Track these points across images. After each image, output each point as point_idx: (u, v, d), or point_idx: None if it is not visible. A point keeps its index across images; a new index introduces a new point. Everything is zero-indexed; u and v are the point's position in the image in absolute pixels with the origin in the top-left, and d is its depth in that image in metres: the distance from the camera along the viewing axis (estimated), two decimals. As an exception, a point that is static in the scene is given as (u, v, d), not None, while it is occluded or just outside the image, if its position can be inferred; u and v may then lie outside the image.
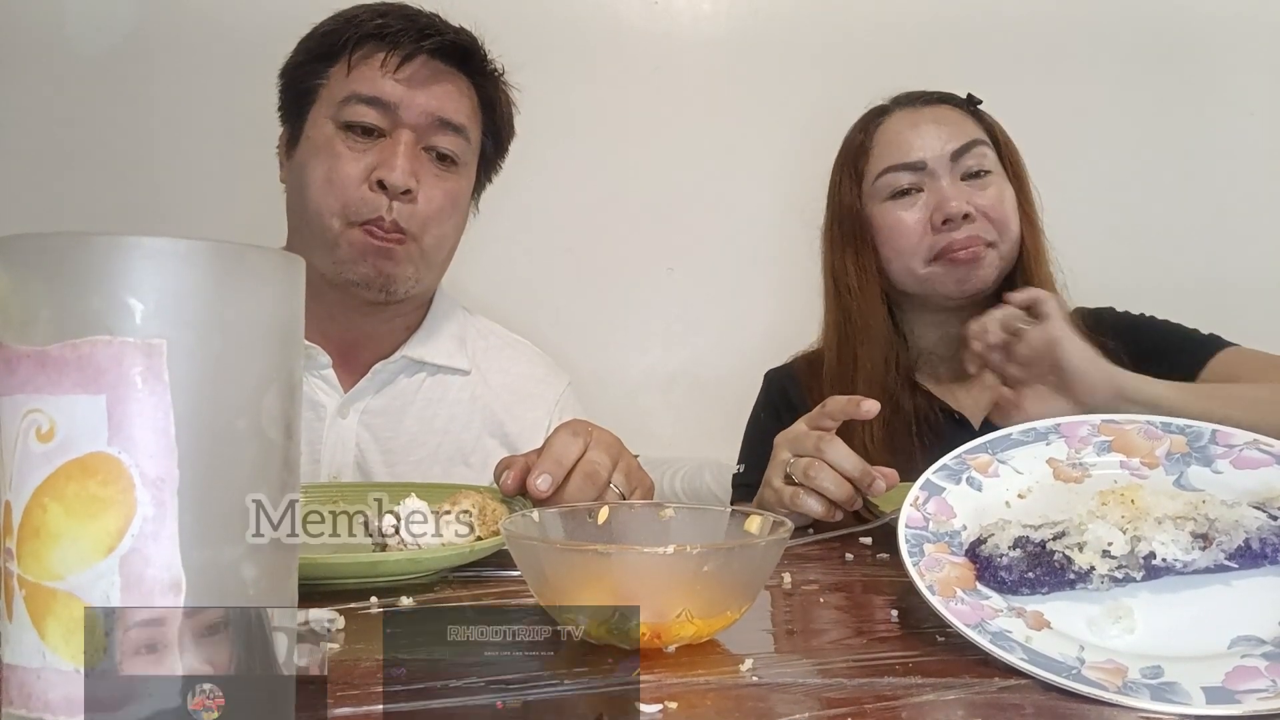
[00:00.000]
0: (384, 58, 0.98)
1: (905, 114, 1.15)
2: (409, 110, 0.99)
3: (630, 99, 1.63)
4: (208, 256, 0.34)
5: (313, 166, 0.99)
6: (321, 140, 1.00)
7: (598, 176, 1.63)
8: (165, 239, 0.32)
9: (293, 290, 0.37)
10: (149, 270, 0.32)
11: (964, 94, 1.18)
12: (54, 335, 0.32)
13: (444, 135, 1.01)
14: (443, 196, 1.01)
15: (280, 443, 0.35)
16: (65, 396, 0.32)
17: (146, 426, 0.32)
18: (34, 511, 0.32)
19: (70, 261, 0.32)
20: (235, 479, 0.34)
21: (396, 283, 1.00)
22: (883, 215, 1.13)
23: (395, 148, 0.97)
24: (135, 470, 0.32)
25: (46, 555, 0.32)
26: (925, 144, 1.11)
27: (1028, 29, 1.62)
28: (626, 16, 1.63)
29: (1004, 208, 1.11)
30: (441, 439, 1.08)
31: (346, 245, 0.98)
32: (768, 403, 1.23)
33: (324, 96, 1.01)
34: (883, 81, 1.18)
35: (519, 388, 1.14)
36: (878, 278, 1.15)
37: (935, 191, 1.10)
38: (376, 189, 0.97)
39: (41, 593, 0.32)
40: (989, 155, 1.13)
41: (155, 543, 0.32)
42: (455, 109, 1.02)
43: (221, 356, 0.34)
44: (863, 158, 1.16)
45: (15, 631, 0.32)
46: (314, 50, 1.03)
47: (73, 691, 0.31)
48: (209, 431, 0.33)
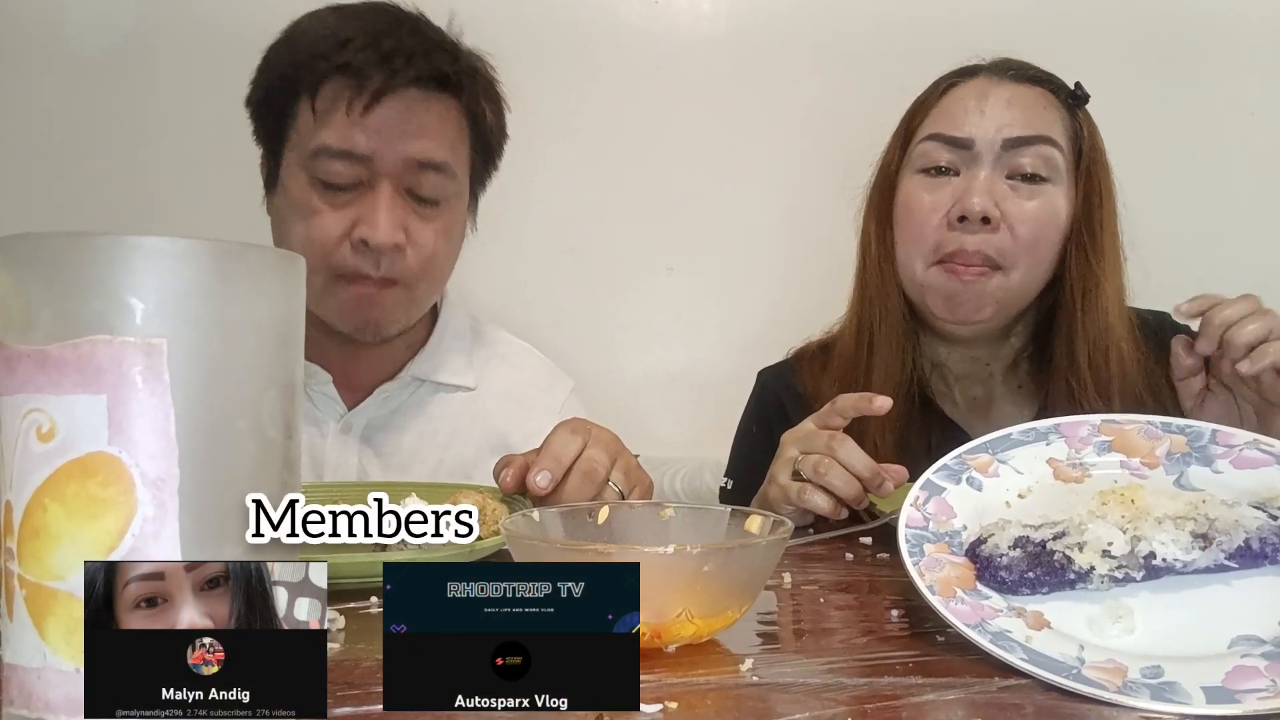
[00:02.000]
0: (350, 100, 0.89)
1: (985, 82, 0.99)
2: (385, 160, 0.90)
3: (630, 99, 1.63)
4: (208, 256, 0.34)
5: (291, 222, 0.93)
6: (297, 193, 0.93)
7: (598, 176, 1.63)
8: (166, 239, 0.33)
9: (293, 290, 0.37)
10: (149, 270, 0.32)
11: (1073, 82, 1.01)
12: (54, 335, 0.32)
13: (426, 176, 0.93)
14: (434, 239, 0.94)
15: (280, 442, 0.35)
16: (66, 396, 0.32)
17: (147, 426, 0.32)
18: (35, 511, 0.32)
19: (70, 261, 0.32)
20: (235, 479, 0.34)
21: (385, 327, 0.97)
22: (907, 190, 0.99)
23: (376, 202, 0.90)
24: (136, 470, 0.32)
25: (47, 555, 0.32)
26: (982, 121, 0.95)
27: (1028, 29, 1.62)
28: (626, 16, 1.63)
29: (1040, 227, 0.94)
30: (443, 454, 1.06)
31: (333, 299, 0.94)
32: (760, 414, 1.14)
33: (293, 140, 0.93)
34: (883, 81, 1.17)
35: (522, 397, 1.11)
36: (893, 260, 1.02)
37: (967, 180, 0.95)
38: (360, 247, 0.90)
39: (42, 593, 0.32)
40: (1055, 160, 0.95)
41: (156, 542, 0.32)
42: (436, 147, 0.92)
43: (222, 356, 0.34)
44: (920, 117, 1.01)
45: (16, 631, 0.32)
46: (275, 84, 0.94)
47: (73, 691, 0.31)
48: (209, 431, 0.33)
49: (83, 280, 0.32)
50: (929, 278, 0.97)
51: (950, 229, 0.95)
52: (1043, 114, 0.96)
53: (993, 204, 0.93)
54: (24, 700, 0.32)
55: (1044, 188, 0.95)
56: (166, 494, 0.32)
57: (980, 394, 1.06)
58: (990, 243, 0.93)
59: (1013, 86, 0.97)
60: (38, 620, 0.32)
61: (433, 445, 1.05)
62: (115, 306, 0.32)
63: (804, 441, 0.85)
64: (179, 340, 0.32)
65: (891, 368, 1.01)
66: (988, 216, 0.92)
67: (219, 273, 0.34)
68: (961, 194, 0.94)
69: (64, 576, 0.31)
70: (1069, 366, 0.98)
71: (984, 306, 0.96)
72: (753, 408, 1.17)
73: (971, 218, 0.93)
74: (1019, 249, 0.94)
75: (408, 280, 0.95)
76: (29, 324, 0.32)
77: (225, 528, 0.34)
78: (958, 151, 0.96)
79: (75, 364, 0.32)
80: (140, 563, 0.31)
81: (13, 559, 0.32)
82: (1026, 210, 0.94)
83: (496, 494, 0.76)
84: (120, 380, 0.32)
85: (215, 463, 0.33)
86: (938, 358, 1.07)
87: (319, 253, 0.91)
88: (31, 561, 0.32)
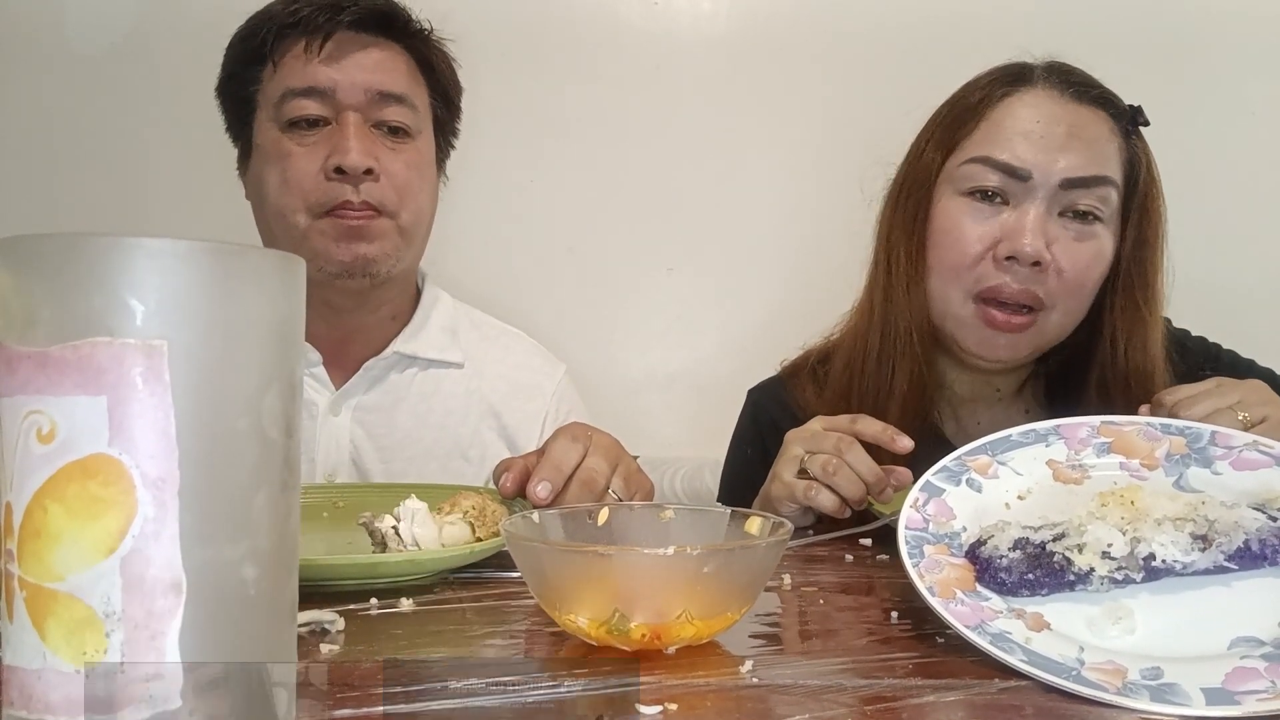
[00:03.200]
0: (305, 43, 0.96)
1: (1044, 97, 0.91)
2: (346, 91, 0.97)
3: (630, 99, 1.63)
4: (208, 257, 0.33)
5: (267, 172, 0.98)
6: (270, 144, 0.98)
7: (598, 176, 1.63)
8: (166, 239, 0.32)
9: (293, 290, 0.37)
10: (150, 271, 0.32)
11: (1132, 104, 0.94)
12: (55, 336, 0.32)
13: (389, 108, 0.99)
14: (405, 168, 0.99)
15: (281, 442, 0.35)
16: (66, 398, 0.32)
17: (147, 427, 0.32)
18: (35, 513, 0.32)
19: (70, 262, 0.32)
20: (236, 479, 0.34)
21: (377, 263, 0.98)
22: (948, 212, 0.92)
23: (344, 131, 0.96)
24: (136, 471, 0.32)
25: (47, 556, 0.32)
26: (1042, 153, 0.88)
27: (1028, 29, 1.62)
28: (626, 16, 1.63)
29: (1088, 271, 0.90)
30: (438, 434, 1.07)
31: (318, 236, 0.96)
32: (754, 434, 1.09)
33: (261, 101, 1.00)
34: (883, 81, 1.16)
35: (515, 379, 1.13)
36: (921, 280, 0.95)
37: (1019, 214, 0.88)
38: (335, 176, 0.95)
39: (42, 594, 0.32)
40: (1110, 199, 0.90)
41: (156, 543, 0.32)
42: (392, 79, 0.99)
43: (222, 357, 0.34)
44: (967, 124, 0.93)
45: (16, 632, 0.32)
46: (239, 58, 1.01)
47: (73, 692, 0.31)
48: (210, 432, 0.33)
49: (83, 281, 0.32)
50: (966, 313, 0.92)
51: (996, 264, 0.89)
52: (1104, 148, 0.91)
53: (1044, 246, 0.87)
54: (24, 701, 0.32)
55: (1095, 228, 0.90)
56: (167, 494, 0.32)
57: (985, 419, 1.02)
58: (1035, 282, 0.89)
59: (1074, 109, 0.91)
60: (38, 621, 0.32)
61: (425, 425, 1.07)
62: (115, 307, 0.32)
63: (810, 441, 0.85)
64: (179, 341, 0.32)
65: (910, 394, 0.96)
66: (1039, 260, 0.87)
67: (219, 273, 0.34)
68: (1013, 231, 0.88)
69: (64, 578, 0.31)
70: (1102, 407, 0.92)
71: (1020, 351, 0.93)
72: (745, 428, 1.13)
73: (1022, 260, 0.87)
74: (1063, 290, 0.90)
75: (388, 207, 0.98)
76: (29, 325, 0.32)
77: (226, 528, 0.34)
78: (1011, 180, 0.89)
79: (75, 365, 0.32)
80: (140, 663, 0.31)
81: (13, 560, 0.32)
82: (1077, 252, 0.89)
83: (496, 495, 0.76)
84: (120, 381, 0.32)
85: (215, 463, 0.33)
86: (945, 380, 1.03)
87: (297, 191, 0.96)
88: (32, 563, 0.32)
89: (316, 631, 0.52)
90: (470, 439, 1.08)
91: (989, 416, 1.03)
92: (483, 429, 1.09)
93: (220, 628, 0.33)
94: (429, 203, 1.04)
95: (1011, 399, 1.04)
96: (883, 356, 0.97)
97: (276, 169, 0.97)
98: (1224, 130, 1.61)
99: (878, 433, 0.82)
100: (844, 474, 0.80)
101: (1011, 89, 0.93)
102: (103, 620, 0.31)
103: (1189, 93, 1.62)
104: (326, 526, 0.76)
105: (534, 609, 0.58)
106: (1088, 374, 0.96)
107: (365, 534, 0.66)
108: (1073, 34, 1.63)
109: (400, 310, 1.09)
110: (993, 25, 1.62)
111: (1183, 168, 1.62)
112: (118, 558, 0.31)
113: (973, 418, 1.03)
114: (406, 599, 0.59)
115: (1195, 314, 1.10)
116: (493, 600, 0.61)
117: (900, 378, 0.96)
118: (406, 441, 1.05)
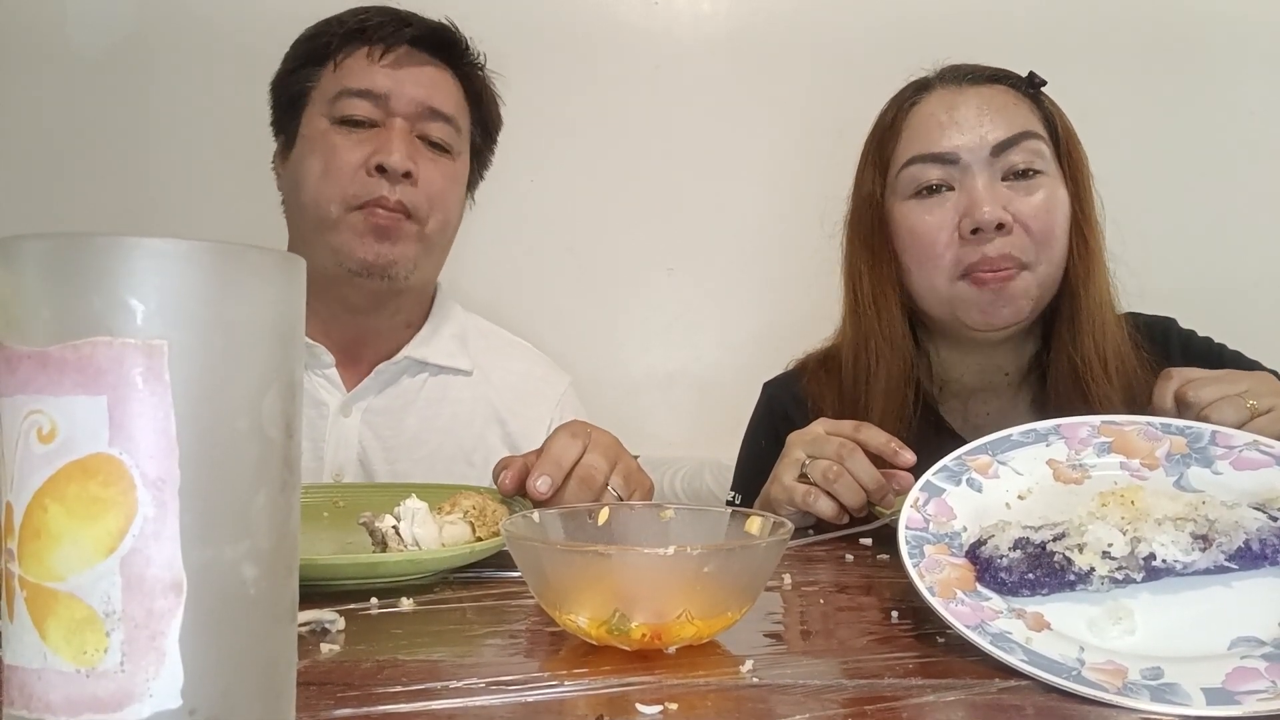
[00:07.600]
0: (369, 50, 1.01)
1: (945, 93, 0.98)
2: (399, 100, 1.01)
3: (630, 99, 1.63)
4: (209, 257, 0.33)
5: (309, 161, 1.01)
6: (316, 136, 1.02)
7: (598, 176, 1.63)
8: (166, 239, 0.32)
9: (293, 290, 0.37)
10: (150, 271, 0.32)
11: (1024, 72, 1.00)
12: (55, 336, 0.32)
13: (435, 123, 1.03)
14: (441, 178, 1.03)
15: (281, 442, 0.35)
16: (66, 397, 0.32)
17: (147, 427, 0.32)
18: (35, 512, 0.32)
19: (70, 261, 0.32)
20: (236, 479, 0.34)
21: (396, 265, 1.01)
22: (904, 215, 0.97)
23: (391, 134, 1.00)
24: (136, 471, 0.32)
25: (48, 556, 0.32)
26: (962, 132, 0.94)
27: (1028, 29, 1.62)
28: (626, 16, 1.63)
29: (1050, 218, 0.94)
30: (444, 438, 1.09)
31: (347, 229, 0.99)
32: (768, 425, 1.11)
33: (315, 97, 1.04)
34: (883, 82, 1.16)
35: (521, 386, 1.15)
36: (897, 289, 1.00)
37: (968, 192, 0.94)
38: (375, 173, 0.98)
39: (43, 593, 0.32)
40: (1043, 152, 0.95)
41: (156, 543, 0.32)
42: (443, 99, 1.04)
43: (222, 357, 0.34)
44: (891, 142, 0.99)
45: (16, 632, 0.32)
46: (301, 56, 1.05)
47: (74, 692, 0.31)
48: (210, 432, 0.33)
49: (83, 281, 0.32)
50: (957, 292, 0.96)
51: (965, 242, 0.94)
52: (1016, 111, 0.96)
53: (1001, 208, 0.92)
54: (24, 701, 0.32)
55: (1040, 179, 0.95)
56: (167, 494, 0.32)
57: (994, 409, 1.05)
58: (1010, 244, 0.93)
59: (975, 91, 0.97)
60: (38, 621, 0.32)
61: (432, 429, 1.09)
62: (116, 307, 0.32)
63: (812, 445, 0.85)
64: (179, 341, 0.32)
65: (893, 399, 0.99)
66: (1001, 222, 0.92)
67: (219, 273, 0.34)
68: (967, 207, 0.93)
69: (65, 577, 0.31)
70: (1072, 343, 0.98)
71: (1020, 305, 0.95)
72: (760, 419, 1.15)
73: (985, 228, 0.92)
74: (1036, 244, 0.94)
75: (418, 212, 1.01)
76: (29, 324, 0.32)
77: (226, 528, 0.33)
78: (946, 168, 0.95)
79: (76, 365, 0.32)
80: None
81: (13, 560, 0.32)
82: (1034, 205, 0.94)
83: (497, 495, 0.76)
84: (121, 381, 0.32)
85: (216, 463, 0.33)
86: (949, 374, 1.05)
87: (337, 180, 0.99)
88: (32, 562, 0.32)
89: (317, 631, 0.52)
90: (475, 444, 1.10)
91: (997, 406, 1.04)
92: (488, 434, 1.11)
93: (220, 627, 0.33)
94: (455, 218, 1.08)
95: (1019, 386, 1.05)
96: (870, 375, 1.01)
97: (320, 158, 1.00)
98: (1224, 130, 1.61)
99: (881, 444, 0.82)
100: (844, 481, 0.81)
101: (917, 96, 1.00)
102: (103, 620, 0.31)
103: (1189, 93, 1.62)
104: (327, 526, 0.76)
105: (534, 609, 0.58)
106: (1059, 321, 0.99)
107: (365, 533, 0.66)
108: (1073, 34, 1.64)
109: (414, 317, 1.12)
110: (994, 27, 1.62)
111: (1183, 168, 1.63)
112: (118, 557, 0.31)
113: (982, 408, 1.05)
114: (406, 599, 0.59)
115: (1195, 314, 1.10)
116: (493, 600, 0.61)
117: (890, 387, 1.00)
118: (413, 444, 1.07)
